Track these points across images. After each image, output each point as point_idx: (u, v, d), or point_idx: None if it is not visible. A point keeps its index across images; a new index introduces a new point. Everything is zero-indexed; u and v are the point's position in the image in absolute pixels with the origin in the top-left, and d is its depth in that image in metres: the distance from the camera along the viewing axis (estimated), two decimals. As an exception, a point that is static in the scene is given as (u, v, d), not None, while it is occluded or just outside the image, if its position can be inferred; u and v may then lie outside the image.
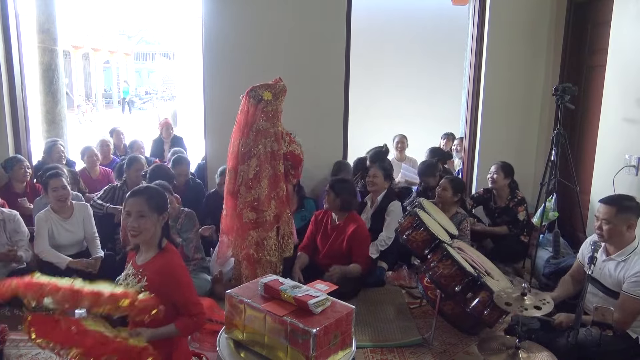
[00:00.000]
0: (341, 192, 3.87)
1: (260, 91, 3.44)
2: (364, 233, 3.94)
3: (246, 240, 3.56)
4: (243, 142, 3.48)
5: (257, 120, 3.44)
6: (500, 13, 5.13)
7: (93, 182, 5.26)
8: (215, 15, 4.94)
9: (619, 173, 3.79)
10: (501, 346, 2.69)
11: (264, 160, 3.48)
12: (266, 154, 3.48)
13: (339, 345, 2.22)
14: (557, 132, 3.99)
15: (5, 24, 4.80)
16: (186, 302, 2.32)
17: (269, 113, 3.47)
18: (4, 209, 3.82)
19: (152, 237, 2.34)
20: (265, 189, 3.50)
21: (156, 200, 2.33)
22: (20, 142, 5.04)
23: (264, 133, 3.46)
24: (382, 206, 4.33)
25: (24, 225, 3.85)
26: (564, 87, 3.94)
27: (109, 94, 26.57)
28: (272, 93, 3.45)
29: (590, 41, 4.74)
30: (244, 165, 3.49)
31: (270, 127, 3.48)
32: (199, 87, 5.26)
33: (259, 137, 3.46)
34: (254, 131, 3.45)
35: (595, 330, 2.64)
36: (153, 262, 2.32)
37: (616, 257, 2.83)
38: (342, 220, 3.92)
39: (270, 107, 3.47)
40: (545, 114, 5.28)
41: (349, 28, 5.09)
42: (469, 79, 5.50)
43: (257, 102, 3.45)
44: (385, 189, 4.43)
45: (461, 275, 3.09)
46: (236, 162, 3.51)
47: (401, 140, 6.36)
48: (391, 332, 3.41)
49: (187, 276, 2.38)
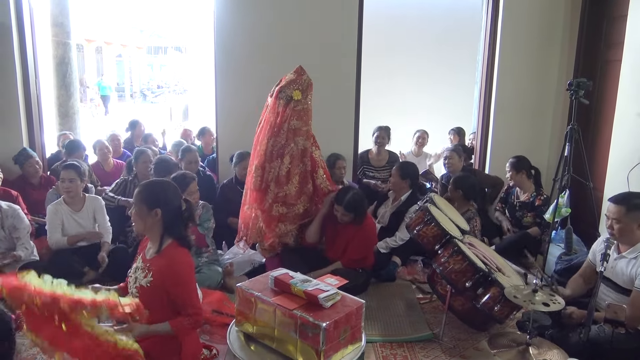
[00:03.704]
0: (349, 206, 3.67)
1: (289, 91, 3.58)
2: (367, 233, 3.81)
3: (274, 232, 3.73)
4: (273, 141, 3.60)
5: (288, 120, 3.58)
6: (514, 6, 5.07)
7: (106, 175, 5.30)
8: (228, 10, 4.93)
9: (634, 169, 3.74)
10: (511, 342, 2.68)
11: (296, 157, 3.65)
12: (298, 152, 3.65)
13: (348, 340, 2.22)
14: (570, 128, 3.95)
15: (20, 17, 4.83)
16: (184, 302, 2.31)
17: (300, 112, 3.61)
18: (3, 204, 3.72)
19: (152, 231, 2.34)
20: (297, 185, 3.68)
21: (144, 195, 2.33)
22: (34, 134, 5.09)
23: (296, 132, 3.62)
24: (404, 208, 4.28)
25: (24, 220, 3.76)
26: (578, 82, 3.89)
27: (122, 88, 26.73)
28: (301, 91, 3.58)
29: (606, 35, 4.66)
30: (275, 162, 3.63)
31: (303, 126, 3.64)
32: (211, 80, 5.27)
33: (292, 136, 3.62)
34: (286, 130, 3.60)
35: (608, 327, 2.62)
36: (159, 259, 2.33)
37: (627, 255, 2.81)
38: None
39: (301, 106, 3.61)
40: (558, 109, 5.22)
41: (360, 23, 5.05)
42: (482, 74, 5.45)
43: (287, 102, 3.58)
44: (409, 191, 4.35)
45: (472, 271, 3.08)
46: (264, 159, 3.63)
47: (422, 135, 6.32)
48: (401, 327, 3.41)
49: (188, 275, 2.37)
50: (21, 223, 3.72)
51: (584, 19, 4.83)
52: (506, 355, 2.57)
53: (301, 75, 3.64)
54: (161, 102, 23.85)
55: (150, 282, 2.29)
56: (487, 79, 5.32)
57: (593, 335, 2.58)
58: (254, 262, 4.10)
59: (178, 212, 2.37)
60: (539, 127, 5.33)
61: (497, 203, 4.91)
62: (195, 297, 2.38)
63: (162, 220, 2.32)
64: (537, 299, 2.49)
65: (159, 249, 2.34)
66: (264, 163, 3.64)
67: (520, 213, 4.58)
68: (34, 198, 4.52)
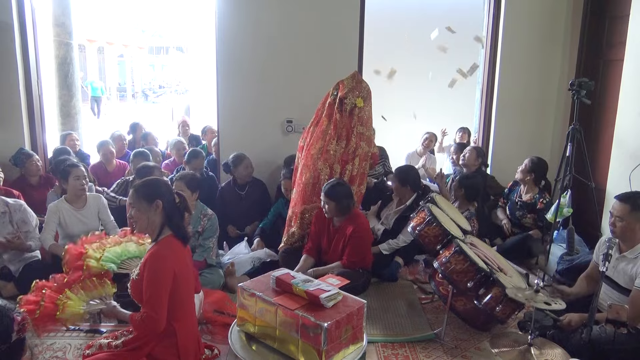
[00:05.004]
0: (336, 198, 3.64)
1: (353, 99, 3.87)
2: (361, 233, 3.73)
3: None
4: (344, 144, 3.90)
5: (356, 125, 3.89)
6: (516, 6, 5.07)
7: (109, 176, 5.30)
8: (229, 10, 4.94)
9: (636, 169, 3.74)
10: (513, 343, 2.68)
11: (363, 160, 3.96)
12: (363, 155, 3.95)
13: (350, 340, 2.22)
14: (572, 128, 3.94)
15: (22, 17, 4.84)
16: (147, 297, 2.24)
17: (363, 118, 3.92)
18: (9, 200, 3.79)
19: (150, 227, 2.35)
20: (357, 185, 3.95)
21: (142, 190, 2.36)
22: (35, 134, 5.10)
23: (361, 136, 3.93)
24: (409, 212, 4.18)
25: (31, 214, 3.84)
26: (580, 82, 3.88)
27: (123, 88, 26.77)
28: (363, 98, 3.88)
29: (608, 35, 4.66)
30: (350, 164, 3.93)
31: (366, 131, 3.96)
32: (212, 80, 5.28)
33: (359, 140, 3.92)
34: (356, 135, 3.91)
35: (609, 327, 2.62)
36: (149, 251, 2.35)
37: (629, 255, 2.83)
38: (341, 222, 3.75)
39: (364, 113, 3.93)
40: (560, 109, 5.21)
41: (362, 23, 5.06)
42: (484, 74, 5.45)
43: (352, 109, 3.88)
44: (413, 195, 4.29)
45: (474, 271, 3.08)
46: (332, 160, 3.89)
47: (430, 138, 6.32)
48: (403, 327, 3.41)
49: (162, 274, 2.25)
50: (29, 217, 3.81)
51: (585, 18, 4.82)
52: (508, 356, 2.57)
53: (360, 83, 3.94)
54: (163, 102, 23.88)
55: (138, 274, 2.31)
56: (488, 79, 5.31)
57: (595, 335, 2.57)
58: (255, 261, 4.09)
59: (175, 203, 2.41)
60: (541, 127, 5.32)
61: (500, 199, 4.87)
62: (159, 300, 2.23)
63: (164, 212, 2.35)
64: (539, 299, 2.48)
65: (155, 239, 2.36)
66: (333, 163, 3.90)
67: (521, 213, 4.56)
68: (34, 198, 4.52)
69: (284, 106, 5.02)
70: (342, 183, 3.70)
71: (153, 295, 2.22)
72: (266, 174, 5.14)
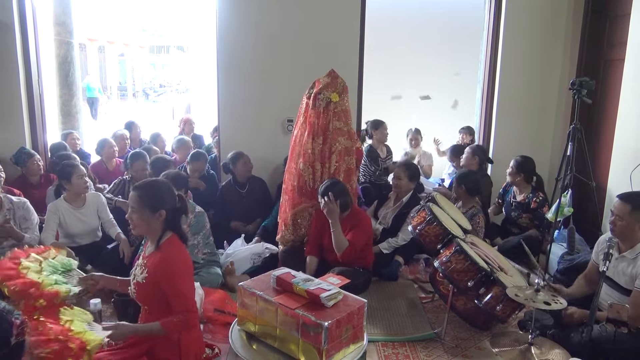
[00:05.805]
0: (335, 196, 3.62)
1: (328, 94, 3.79)
2: (363, 228, 3.75)
3: None
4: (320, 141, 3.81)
5: (331, 121, 3.81)
6: (517, 5, 5.06)
7: (110, 175, 5.30)
8: (230, 8, 4.93)
9: (637, 168, 3.73)
10: (514, 342, 2.69)
11: (341, 155, 3.87)
12: (343, 150, 3.86)
13: (350, 339, 2.22)
14: (573, 127, 3.93)
15: (22, 16, 4.84)
16: (175, 299, 2.26)
17: (339, 113, 3.85)
18: (13, 197, 3.84)
19: (151, 232, 2.36)
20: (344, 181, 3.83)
21: (149, 198, 2.32)
22: (36, 134, 5.10)
23: (338, 132, 3.85)
24: (406, 209, 4.25)
25: (33, 212, 3.87)
26: (581, 81, 3.88)
27: (124, 87, 26.77)
28: (338, 93, 3.82)
29: (609, 34, 4.65)
30: (327, 161, 3.85)
31: (344, 126, 3.89)
32: (213, 79, 5.28)
33: (336, 136, 3.84)
34: (331, 131, 3.83)
35: (610, 327, 2.62)
36: (154, 256, 2.34)
37: (628, 255, 2.83)
38: (341, 220, 3.72)
39: (340, 107, 3.86)
40: (561, 108, 5.21)
41: (363, 22, 5.05)
42: (484, 73, 5.44)
43: (326, 105, 3.80)
44: (411, 190, 4.35)
45: (474, 271, 3.08)
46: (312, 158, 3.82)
47: (413, 137, 6.40)
48: (403, 326, 3.41)
49: (182, 272, 2.31)
50: (31, 215, 3.84)
51: (586, 18, 4.81)
52: (508, 355, 2.57)
53: (336, 79, 3.87)
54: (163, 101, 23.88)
55: (145, 278, 2.30)
56: (489, 78, 5.31)
57: (595, 334, 2.58)
58: (254, 259, 4.07)
59: (176, 209, 2.40)
60: (542, 127, 5.32)
61: (495, 199, 4.90)
62: (188, 295, 2.32)
63: (166, 220, 2.34)
64: (539, 298, 2.48)
65: (157, 244, 2.35)
66: (313, 162, 3.83)
67: (516, 213, 4.55)
68: (35, 197, 4.51)
69: (285, 105, 5.01)
70: (336, 182, 3.71)
71: (178, 293, 2.28)
72: (266, 173, 5.14)
